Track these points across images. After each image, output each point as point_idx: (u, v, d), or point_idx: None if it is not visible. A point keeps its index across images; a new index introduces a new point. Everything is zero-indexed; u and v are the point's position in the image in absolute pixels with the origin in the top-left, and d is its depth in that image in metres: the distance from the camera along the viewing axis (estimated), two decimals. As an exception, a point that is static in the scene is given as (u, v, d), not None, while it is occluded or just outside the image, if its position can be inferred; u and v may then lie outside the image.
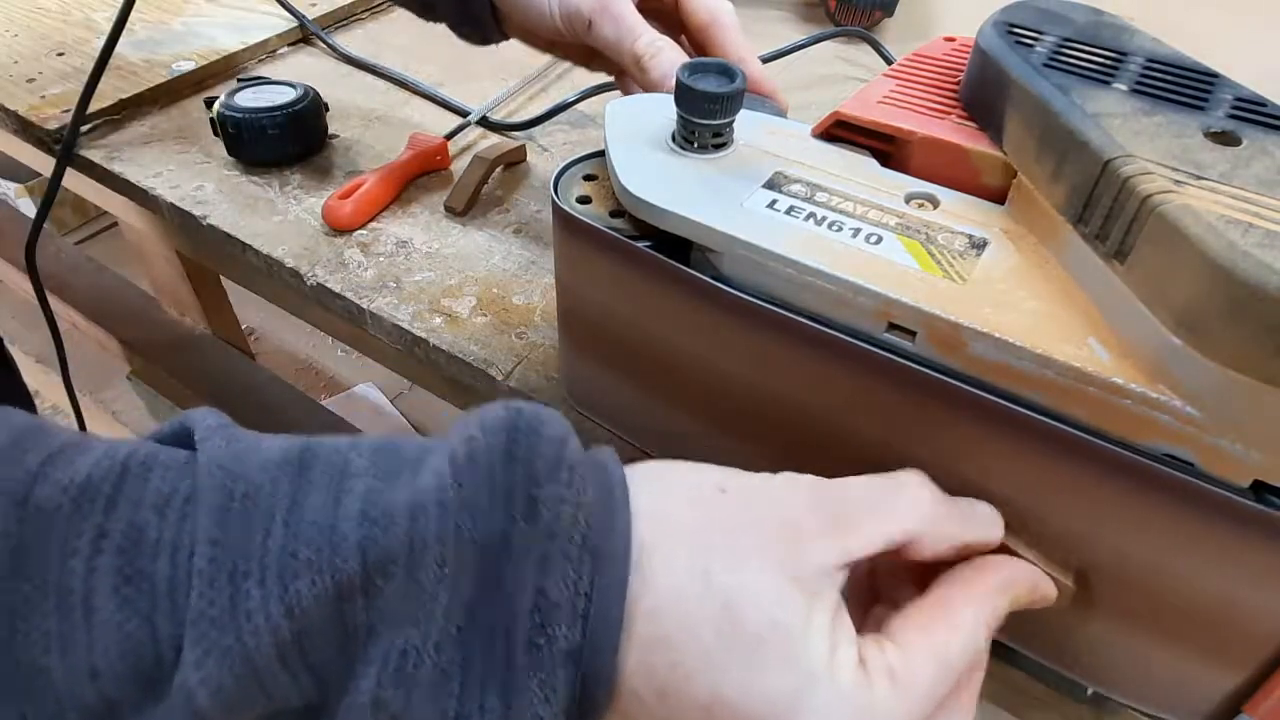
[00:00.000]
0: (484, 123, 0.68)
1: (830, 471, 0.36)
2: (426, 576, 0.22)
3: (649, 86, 0.45)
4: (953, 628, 0.26)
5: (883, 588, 0.32)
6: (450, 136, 0.65)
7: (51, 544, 0.21)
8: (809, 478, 0.28)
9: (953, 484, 0.33)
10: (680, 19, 0.48)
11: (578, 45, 0.50)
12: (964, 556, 0.29)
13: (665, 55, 0.45)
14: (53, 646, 0.21)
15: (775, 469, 0.36)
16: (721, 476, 0.27)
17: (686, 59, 0.43)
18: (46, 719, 0.21)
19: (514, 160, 0.64)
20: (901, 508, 0.27)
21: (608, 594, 0.23)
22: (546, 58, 0.77)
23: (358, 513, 0.22)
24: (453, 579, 0.23)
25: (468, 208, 0.60)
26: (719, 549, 0.24)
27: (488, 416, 0.25)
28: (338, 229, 0.58)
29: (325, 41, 0.78)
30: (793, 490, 0.27)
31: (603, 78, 0.72)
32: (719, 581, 0.23)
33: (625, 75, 0.51)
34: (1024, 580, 0.29)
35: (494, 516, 0.23)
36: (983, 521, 0.30)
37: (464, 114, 0.69)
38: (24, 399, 0.69)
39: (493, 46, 0.80)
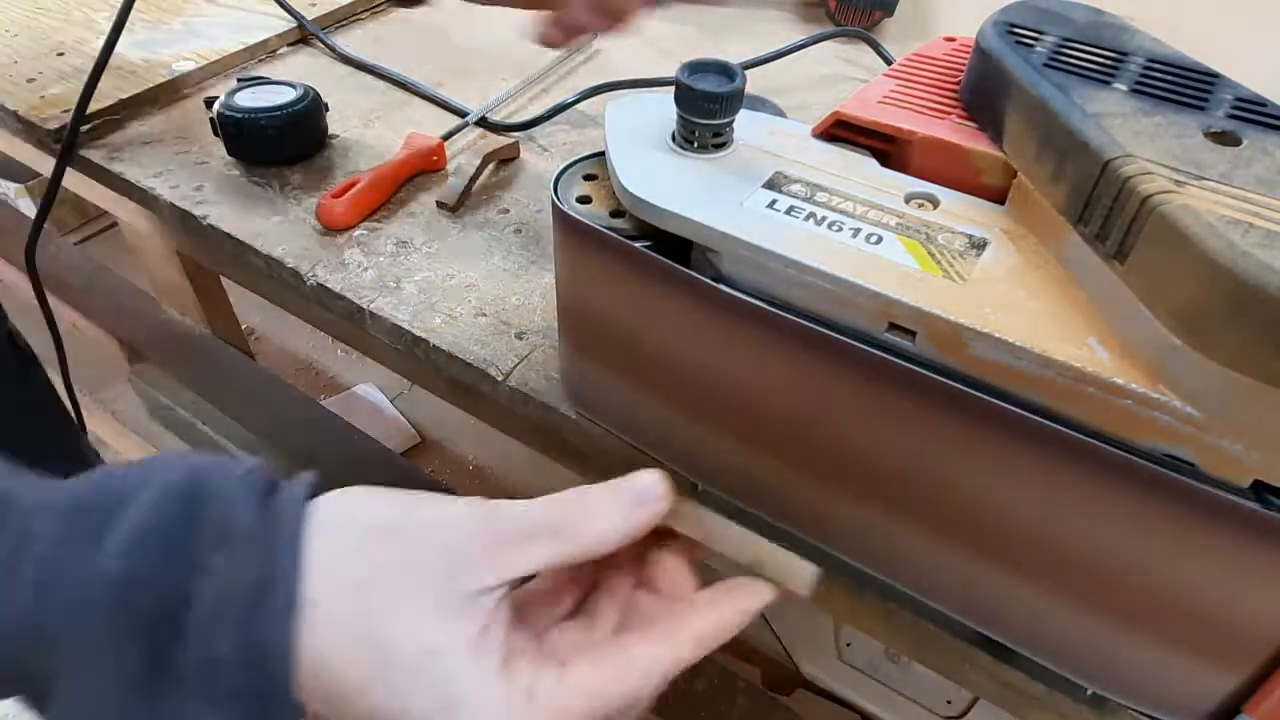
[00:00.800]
0: (483, 123, 0.68)
1: (830, 471, 0.36)
2: (98, 639, 0.26)
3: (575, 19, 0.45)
4: (621, 673, 0.28)
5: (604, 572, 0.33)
6: (447, 137, 0.65)
7: None
8: (483, 505, 0.30)
9: (953, 484, 0.33)
10: None
11: None
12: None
13: None
14: None
15: (775, 469, 0.36)
16: (399, 514, 0.29)
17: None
18: None
19: (507, 157, 0.64)
20: (558, 534, 0.29)
21: (275, 642, 0.26)
22: (546, 58, 0.77)
23: (32, 580, 0.26)
24: (126, 643, 0.26)
25: (460, 204, 0.60)
26: (376, 595, 0.27)
27: (172, 480, 0.28)
28: (331, 228, 0.58)
29: (324, 42, 0.78)
30: (459, 522, 0.29)
31: (603, 79, 0.73)
32: (373, 626, 0.27)
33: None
34: (725, 633, 0.30)
35: (168, 583, 0.26)
36: (641, 509, 0.30)
37: (463, 114, 0.69)
38: (47, 392, 0.70)
39: (493, 48, 0.80)
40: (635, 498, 0.30)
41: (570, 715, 0.27)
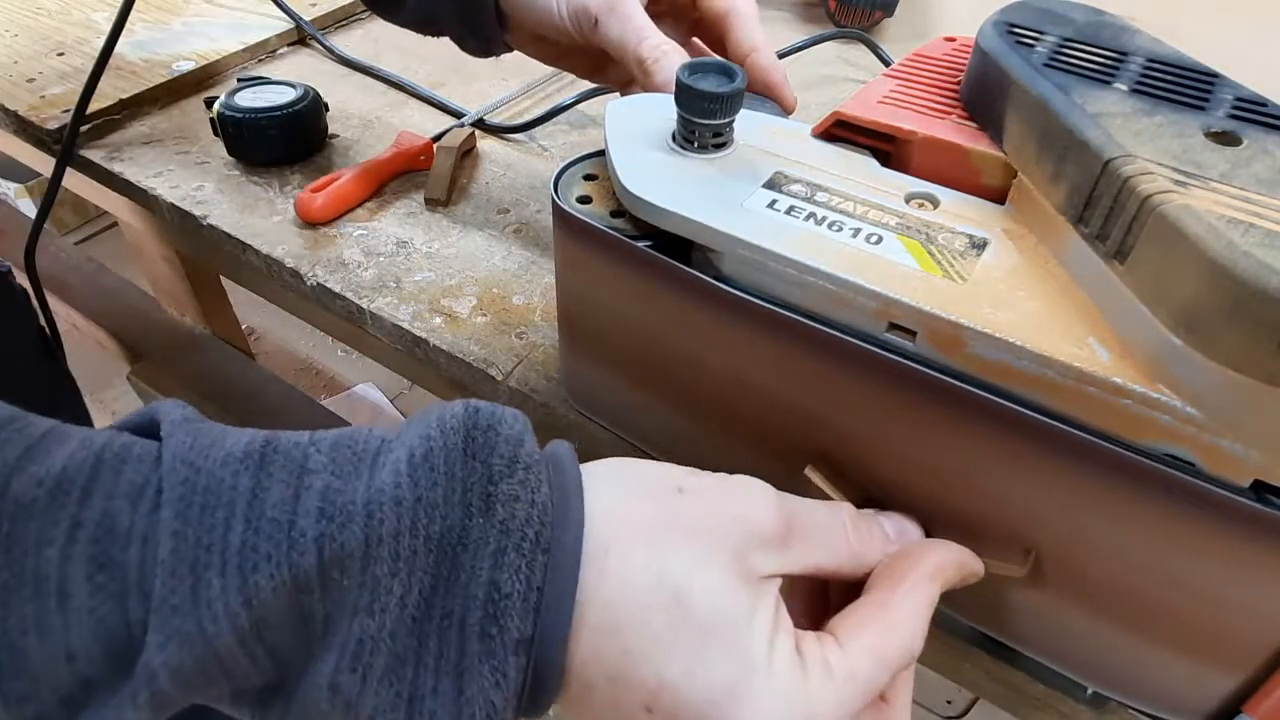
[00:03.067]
0: (480, 124, 0.68)
1: (830, 472, 0.36)
2: (382, 570, 0.23)
3: (652, 89, 0.44)
4: (889, 626, 0.27)
5: (832, 595, 0.33)
6: (438, 138, 0.65)
7: (29, 535, 0.22)
8: (762, 484, 0.29)
9: (952, 483, 0.33)
10: (696, 10, 0.48)
11: (582, 50, 0.49)
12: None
13: (670, 59, 0.44)
14: (30, 629, 0.21)
15: (775, 468, 0.36)
16: (680, 476, 0.28)
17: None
18: (22, 697, 0.21)
19: (467, 148, 0.65)
20: (836, 544, 0.29)
21: (559, 588, 0.24)
22: (543, 65, 0.77)
23: (315, 509, 0.23)
24: (407, 573, 0.24)
25: (449, 196, 0.60)
26: (672, 545, 0.25)
27: (446, 414, 0.26)
28: (309, 221, 0.58)
29: (322, 44, 0.78)
30: (747, 494, 0.28)
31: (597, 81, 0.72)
32: (671, 574, 0.25)
33: (631, 85, 0.50)
34: (952, 563, 0.30)
35: (450, 513, 0.24)
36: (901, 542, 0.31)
37: (461, 115, 0.69)
38: (71, 389, 0.70)
39: (493, 47, 0.80)
40: (901, 534, 0.32)
41: (862, 679, 0.26)
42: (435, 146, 0.63)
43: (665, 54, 0.44)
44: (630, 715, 0.25)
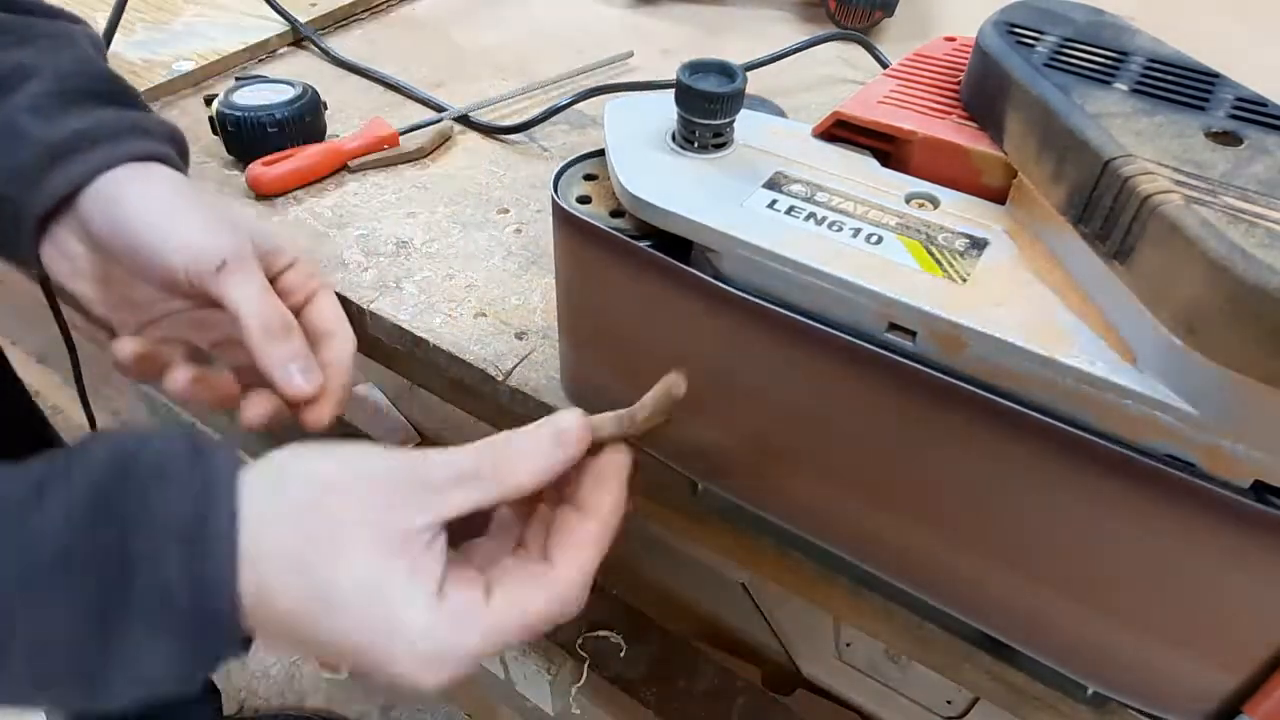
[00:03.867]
0: (466, 121, 0.68)
1: (831, 470, 0.36)
2: (41, 591, 0.28)
3: (264, 363, 0.39)
4: (547, 598, 0.32)
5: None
6: (411, 130, 0.66)
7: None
8: (413, 455, 0.32)
9: (953, 483, 0.33)
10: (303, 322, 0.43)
11: (166, 297, 0.43)
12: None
13: (297, 339, 0.40)
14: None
15: (775, 468, 0.36)
16: (334, 467, 0.32)
17: (311, 355, 0.40)
18: None
19: (441, 141, 0.67)
20: (483, 480, 0.32)
21: (216, 566, 0.29)
22: (545, 65, 0.77)
23: None
24: (77, 591, 0.29)
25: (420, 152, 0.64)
26: (316, 538, 0.30)
27: (90, 463, 0.30)
28: (258, 193, 0.60)
29: (318, 45, 0.78)
30: (391, 471, 0.32)
31: (598, 82, 0.72)
32: (315, 566, 0.30)
33: (219, 347, 0.45)
34: (616, 508, 0.34)
35: (110, 534, 0.29)
36: (562, 450, 0.33)
37: (457, 117, 0.69)
38: (15, 392, 0.70)
39: (490, 49, 0.80)
40: (555, 440, 0.33)
41: (503, 629, 0.31)
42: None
43: (289, 333, 0.40)
44: (309, 655, 0.31)
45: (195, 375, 0.42)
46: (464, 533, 0.35)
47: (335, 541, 0.30)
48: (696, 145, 0.37)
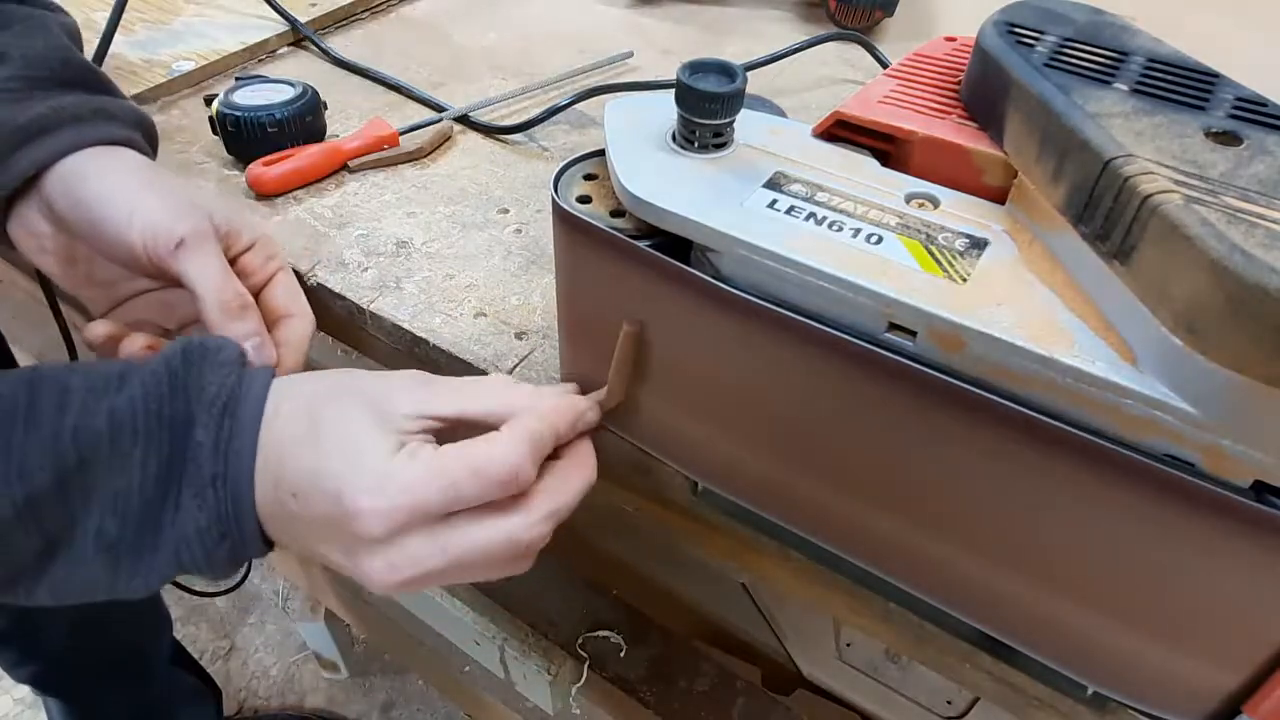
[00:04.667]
0: (466, 121, 0.68)
1: (831, 470, 0.36)
2: (124, 443, 0.33)
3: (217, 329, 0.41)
4: (489, 450, 0.34)
5: None
6: (411, 130, 0.65)
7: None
8: (424, 374, 0.38)
9: (953, 483, 0.33)
10: (263, 306, 0.45)
11: (130, 276, 0.45)
12: None
13: (252, 316, 0.42)
14: None
15: (776, 468, 0.36)
16: (356, 372, 0.38)
17: (263, 327, 0.42)
18: None
19: (440, 141, 0.67)
20: (483, 395, 0.37)
21: (242, 439, 0.35)
22: (545, 65, 0.77)
23: (73, 422, 0.33)
24: (145, 443, 0.34)
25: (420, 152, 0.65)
26: (325, 403, 0.36)
27: (170, 352, 0.36)
28: (258, 193, 0.60)
29: (318, 45, 0.78)
30: (401, 375, 0.38)
31: (598, 82, 0.72)
32: (317, 416, 0.35)
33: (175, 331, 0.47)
34: (584, 463, 0.39)
35: (175, 403, 0.34)
36: (579, 406, 0.39)
37: (457, 116, 0.69)
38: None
39: (490, 48, 0.80)
40: (573, 422, 0.38)
41: (447, 475, 0.34)
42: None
43: (245, 309, 0.42)
44: (282, 501, 0.35)
45: (149, 343, 0.44)
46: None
47: (339, 407, 0.35)
48: (696, 145, 0.37)
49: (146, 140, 0.47)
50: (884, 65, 0.75)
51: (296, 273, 0.55)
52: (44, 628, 0.87)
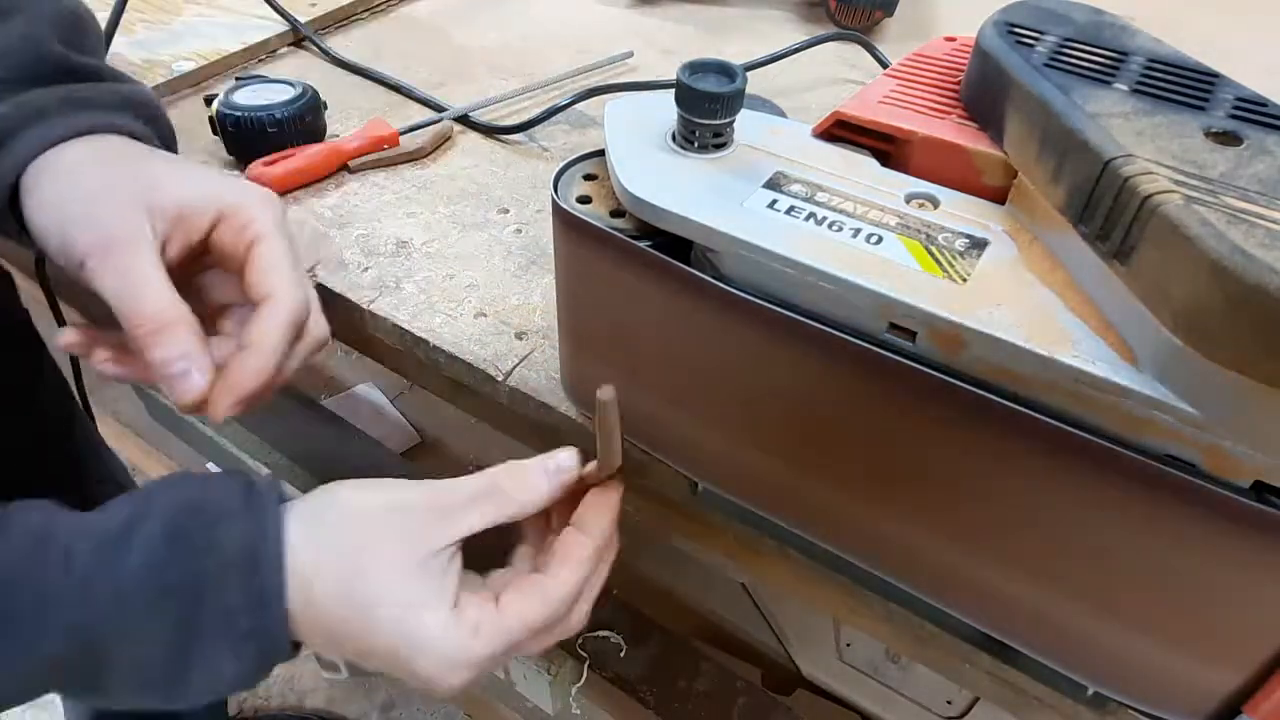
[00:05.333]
0: (466, 121, 0.68)
1: (831, 470, 0.36)
2: (138, 612, 0.33)
3: (149, 369, 0.36)
4: (545, 600, 0.36)
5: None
6: (411, 130, 0.65)
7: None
8: (434, 485, 0.37)
9: (953, 483, 0.33)
10: (245, 288, 0.39)
11: None
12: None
13: (172, 334, 0.35)
14: None
15: (776, 468, 0.36)
16: (364, 501, 0.37)
17: (199, 343, 0.36)
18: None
19: (440, 141, 0.67)
20: (495, 498, 0.37)
21: (269, 586, 0.34)
22: (545, 65, 0.77)
23: (79, 589, 0.32)
24: (161, 610, 0.33)
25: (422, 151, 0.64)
26: (355, 569, 0.35)
27: (168, 497, 0.35)
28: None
29: (317, 45, 0.78)
30: (414, 501, 0.36)
31: (598, 82, 0.73)
32: (356, 587, 0.34)
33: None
34: (612, 541, 0.39)
35: (184, 568, 0.33)
36: (559, 477, 0.38)
37: (457, 116, 0.69)
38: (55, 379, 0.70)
39: (490, 48, 0.80)
40: (556, 469, 0.38)
41: (509, 636, 0.35)
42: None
43: (164, 329, 0.35)
44: (347, 659, 0.36)
45: (108, 355, 0.40)
46: (486, 562, 0.39)
47: (369, 562, 0.35)
48: (696, 145, 0.37)
49: (144, 118, 0.42)
50: (884, 65, 0.75)
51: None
52: None
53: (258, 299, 0.38)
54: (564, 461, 0.38)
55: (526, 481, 0.37)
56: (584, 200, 0.38)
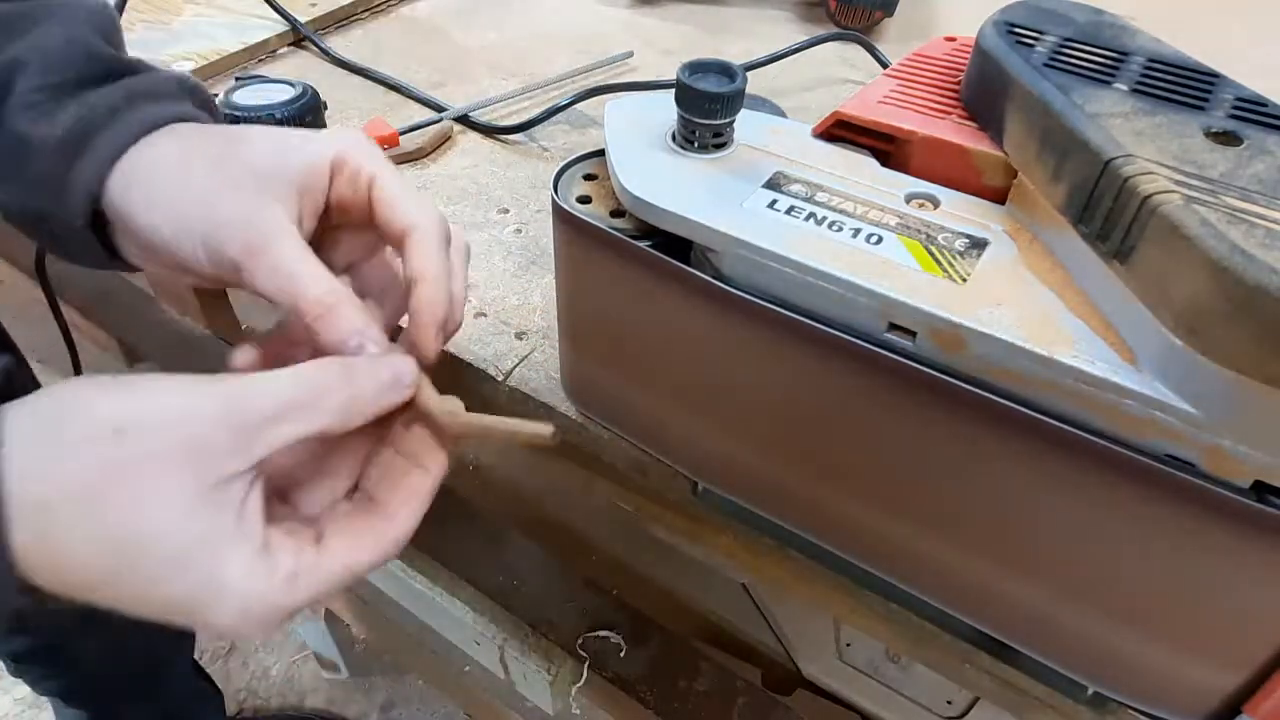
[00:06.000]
0: (466, 121, 0.68)
1: (831, 470, 0.36)
2: None
3: (322, 349, 0.35)
4: (378, 546, 0.31)
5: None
6: (411, 130, 0.65)
7: None
8: (228, 387, 0.29)
9: (953, 482, 0.33)
10: (375, 224, 0.37)
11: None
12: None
13: (339, 314, 0.34)
14: None
15: (775, 467, 0.36)
16: (120, 411, 0.28)
17: (364, 316, 0.35)
18: None
19: (441, 141, 0.67)
20: (314, 410, 0.30)
21: None
22: (545, 65, 0.77)
23: None
24: None
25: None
26: (109, 500, 0.27)
27: None
28: None
29: (317, 45, 0.78)
30: (202, 410, 0.28)
31: (598, 82, 0.73)
32: (116, 525, 0.27)
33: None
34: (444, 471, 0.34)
35: None
36: (388, 390, 0.32)
37: (457, 116, 0.69)
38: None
39: (490, 48, 0.80)
40: (392, 384, 0.32)
41: (331, 584, 0.30)
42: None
43: (330, 308, 0.34)
44: (75, 589, 0.28)
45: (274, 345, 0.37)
46: (290, 476, 0.34)
47: (135, 489, 0.27)
48: (696, 145, 0.37)
49: (199, 103, 0.41)
50: (884, 65, 0.75)
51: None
52: (74, 644, 0.86)
53: (398, 232, 0.36)
54: (403, 375, 0.32)
55: (354, 390, 0.31)
56: (584, 200, 0.38)
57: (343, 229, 0.38)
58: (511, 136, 0.68)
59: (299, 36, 0.79)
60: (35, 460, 0.27)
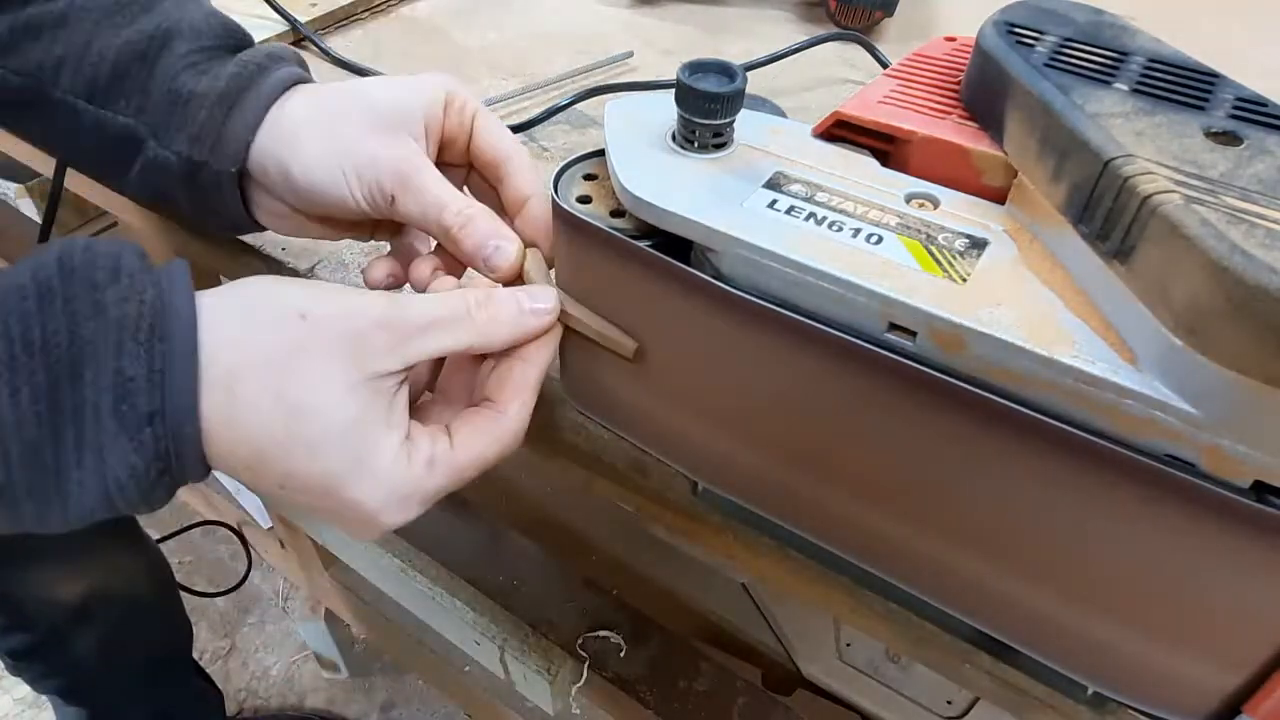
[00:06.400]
0: None
1: (832, 471, 0.36)
2: None
3: (463, 259, 0.40)
4: (496, 438, 0.35)
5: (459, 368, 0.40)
6: None
7: None
8: (392, 298, 0.34)
9: (953, 483, 0.33)
10: (469, 156, 0.44)
11: (374, 222, 0.45)
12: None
13: (476, 225, 0.40)
14: None
15: (777, 468, 0.36)
16: (304, 301, 0.33)
17: (499, 224, 0.40)
18: None
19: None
20: (459, 327, 0.34)
21: (177, 367, 0.29)
22: (545, 65, 0.77)
23: None
24: (10, 376, 0.28)
25: None
26: (291, 371, 0.31)
27: (46, 249, 0.30)
28: None
29: (317, 45, 0.78)
30: (368, 311, 0.33)
31: (598, 82, 0.73)
32: (289, 398, 0.31)
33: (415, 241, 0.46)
34: (548, 361, 0.38)
35: (51, 322, 0.29)
36: (535, 319, 0.37)
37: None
38: None
39: (490, 48, 0.80)
40: (533, 309, 0.36)
41: (461, 475, 0.34)
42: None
43: (470, 219, 0.40)
44: (270, 489, 0.32)
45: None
46: (422, 390, 0.39)
47: (310, 364, 0.31)
48: (696, 145, 0.37)
49: (302, 66, 0.46)
50: (884, 65, 0.75)
51: (295, 272, 0.55)
52: (73, 642, 0.86)
53: (498, 159, 0.43)
54: (543, 301, 0.37)
55: (498, 315, 0.35)
56: (584, 200, 0.38)
57: (441, 166, 0.43)
58: (511, 136, 0.68)
59: (299, 36, 0.79)
60: (230, 335, 0.31)
